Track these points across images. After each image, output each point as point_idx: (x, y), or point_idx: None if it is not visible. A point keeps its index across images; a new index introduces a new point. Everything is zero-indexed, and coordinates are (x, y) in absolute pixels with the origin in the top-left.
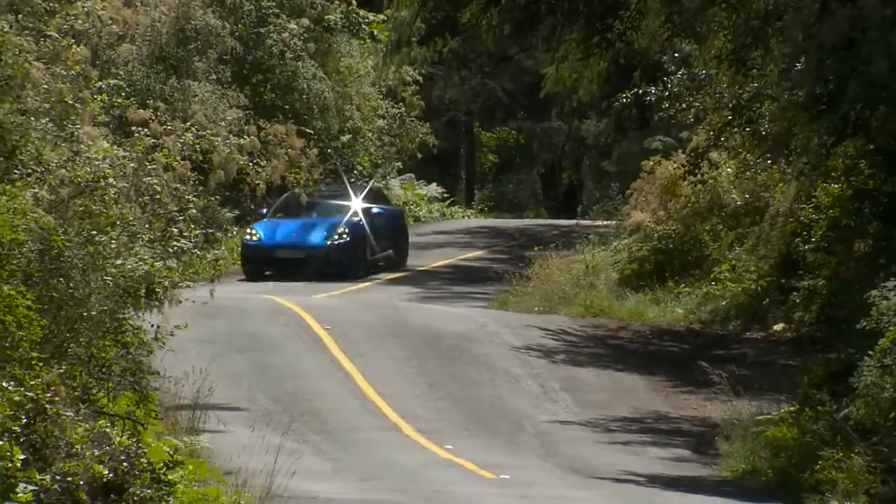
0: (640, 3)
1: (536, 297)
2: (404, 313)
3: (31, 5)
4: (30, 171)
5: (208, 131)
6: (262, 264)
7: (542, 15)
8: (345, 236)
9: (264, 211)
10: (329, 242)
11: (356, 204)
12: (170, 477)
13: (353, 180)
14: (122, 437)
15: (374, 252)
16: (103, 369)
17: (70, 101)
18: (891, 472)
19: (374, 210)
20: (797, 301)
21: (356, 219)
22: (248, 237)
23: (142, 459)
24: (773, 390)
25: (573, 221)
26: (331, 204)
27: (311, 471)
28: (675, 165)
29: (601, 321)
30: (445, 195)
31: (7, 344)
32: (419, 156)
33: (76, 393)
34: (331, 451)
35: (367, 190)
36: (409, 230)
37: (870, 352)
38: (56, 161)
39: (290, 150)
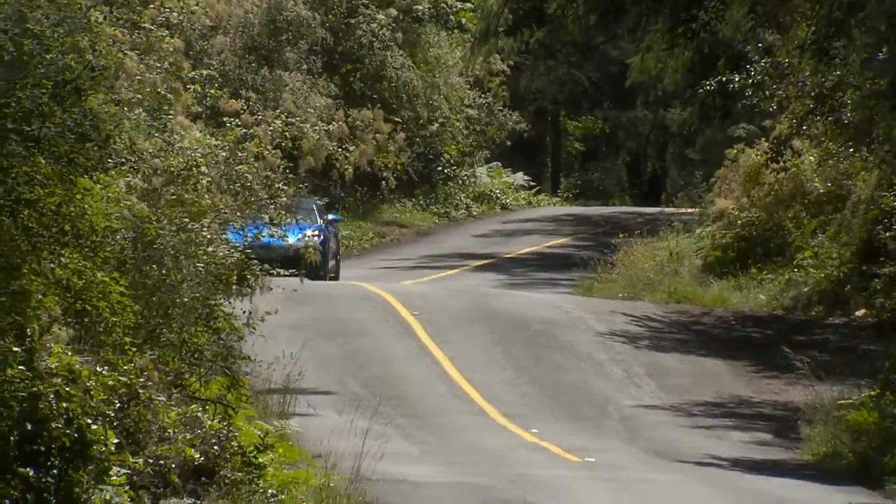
0: None
1: (621, 283)
2: (491, 299)
3: None
4: (124, 160)
5: (298, 118)
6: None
7: (627, 5)
8: (314, 240)
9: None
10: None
11: (313, 213)
12: (260, 460)
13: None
14: (213, 421)
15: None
16: (195, 354)
17: (163, 92)
18: None
19: (331, 217)
20: (879, 287)
21: (321, 225)
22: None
23: (233, 443)
24: (854, 375)
25: (657, 209)
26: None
27: (398, 454)
28: (758, 153)
29: (685, 307)
30: (532, 183)
31: (101, 329)
32: (508, 143)
33: (168, 378)
34: (418, 434)
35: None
36: (496, 218)
37: None
38: (149, 150)
39: (377, 134)
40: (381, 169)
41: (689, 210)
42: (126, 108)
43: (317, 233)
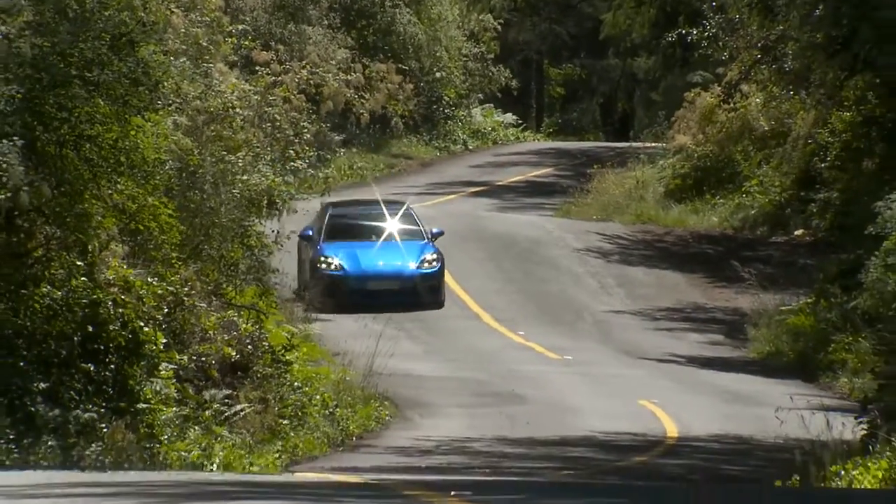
0: None
1: (595, 207)
2: (484, 221)
3: None
4: (171, 102)
5: (320, 69)
6: (344, 298)
7: None
8: (435, 264)
9: (309, 233)
10: (422, 271)
11: (417, 223)
12: (287, 357)
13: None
14: (247, 324)
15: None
16: (231, 267)
17: (205, 44)
18: (892, 353)
19: (434, 231)
20: (814, 210)
21: (432, 243)
22: (323, 266)
23: (264, 343)
24: (793, 285)
25: (626, 144)
26: (386, 226)
27: (406, 353)
28: (712, 96)
29: (649, 227)
30: (519, 122)
31: (151, 246)
32: (498, 95)
33: (209, 287)
34: (423, 336)
35: (402, 212)
36: (489, 152)
37: (876, 253)
38: (193, 93)
39: (389, 84)
40: (392, 113)
41: (653, 145)
42: (173, 58)
43: (435, 257)
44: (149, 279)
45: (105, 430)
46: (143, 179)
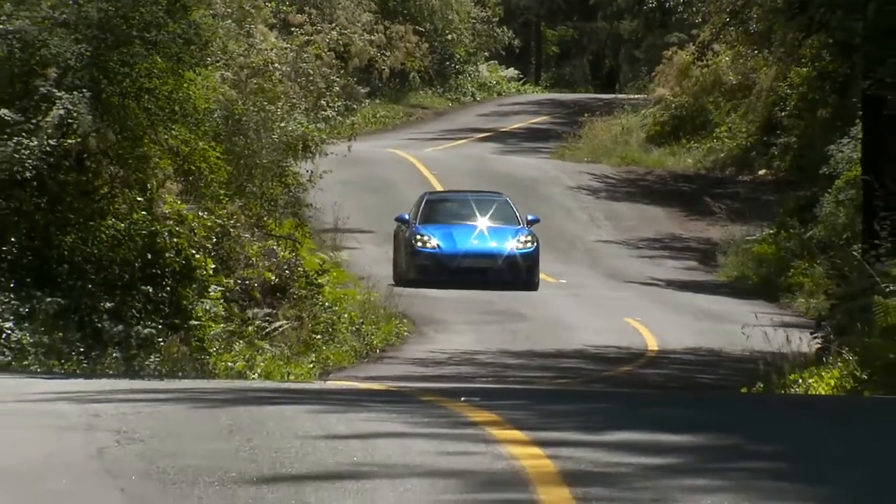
0: None
1: (585, 150)
2: (491, 162)
3: None
4: (218, 59)
5: (348, 30)
6: (439, 274)
7: None
8: (529, 245)
9: (406, 217)
10: (516, 251)
11: (513, 210)
12: (319, 281)
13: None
14: (284, 252)
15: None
16: (271, 203)
17: (247, 8)
18: (843, 277)
19: (530, 217)
20: (776, 153)
21: (529, 227)
22: (419, 243)
23: (299, 268)
24: (757, 218)
25: (613, 95)
26: (480, 210)
27: None
28: (688, 54)
29: (632, 168)
30: (520, 76)
31: (202, 184)
32: (502, 53)
33: (252, 220)
34: None
35: (497, 200)
36: (494, 102)
37: (828, 190)
38: (237, 51)
39: (407, 43)
40: (410, 69)
41: (636, 96)
42: (220, 20)
43: (529, 238)
44: (199, 213)
45: (162, 343)
46: (194, 126)
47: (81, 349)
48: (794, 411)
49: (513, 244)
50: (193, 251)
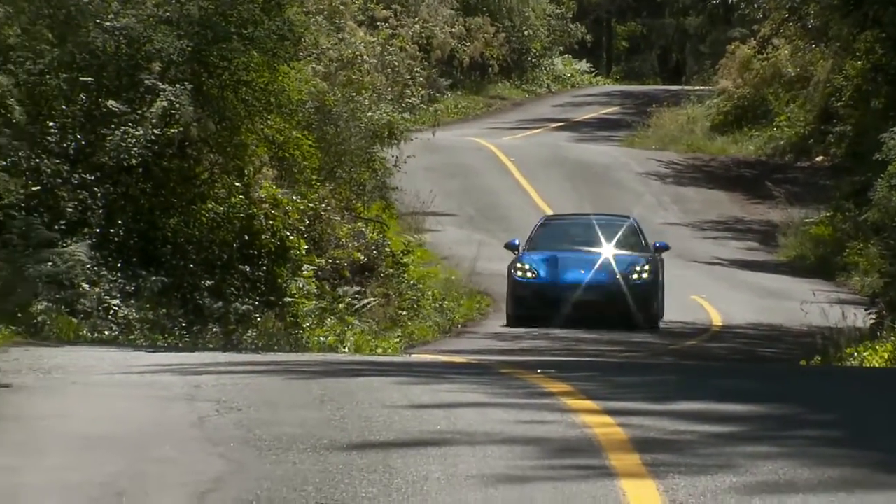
0: None
1: (654, 138)
2: (564, 150)
3: None
4: (310, 52)
5: (430, 23)
6: (539, 308)
7: None
8: (645, 276)
9: (516, 242)
10: (625, 283)
11: (638, 236)
12: (405, 261)
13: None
14: (372, 233)
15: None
16: (360, 187)
17: (337, 4)
18: (895, 257)
19: (658, 244)
20: (832, 141)
21: (650, 255)
22: (518, 273)
23: (386, 249)
24: (815, 202)
25: (679, 87)
26: (600, 236)
27: (502, 257)
28: (749, 48)
29: (698, 155)
30: (592, 69)
31: (295, 170)
32: (575, 47)
33: (342, 203)
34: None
35: (623, 224)
36: (568, 94)
37: (881, 175)
38: (327, 46)
39: (485, 35)
40: (489, 59)
41: (701, 87)
42: (312, 16)
43: (646, 268)
44: (293, 197)
45: (258, 319)
46: (288, 116)
47: (184, 324)
48: (850, 383)
49: (623, 274)
50: (287, 233)
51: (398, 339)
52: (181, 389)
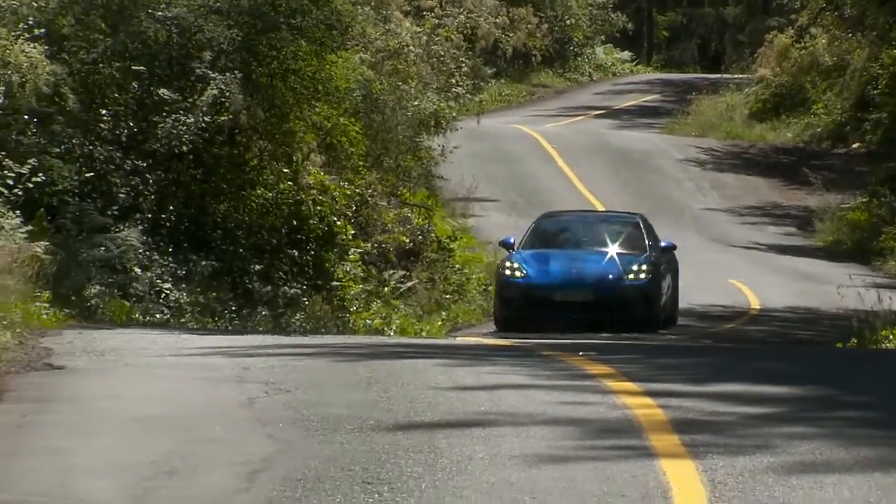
0: None
1: (693, 125)
2: (606, 137)
3: None
4: (357, 42)
5: (474, 14)
6: (528, 310)
7: None
8: (643, 276)
9: (511, 240)
10: (622, 283)
11: (641, 235)
12: (450, 245)
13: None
14: (418, 219)
15: (661, 306)
16: (406, 174)
17: None
18: None
19: (663, 244)
20: (868, 128)
21: (651, 255)
22: (507, 272)
23: (431, 234)
24: (851, 188)
25: (718, 75)
26: (601, 234)
27: None
28: (787, 37)
29: (736, 142)
30: (633, 58)
31: (343, 157)
32: (617, 35)
33: (388, 190)
34: None
35: (628, 222)
36: (609, 82)
37: None
38: (374, 35)
39: (528, 25)
40: (532, 49)
41: (740, 76)
42: (359, 7)
43: (645, 268)
44: (340, 183)
45: (306, 302)
46: (335, 104)
47: (233, 308)
48: (886, 365)
49: (617, 275)
50: (335, 218)
51: (442, 322)
52: (231, 371)
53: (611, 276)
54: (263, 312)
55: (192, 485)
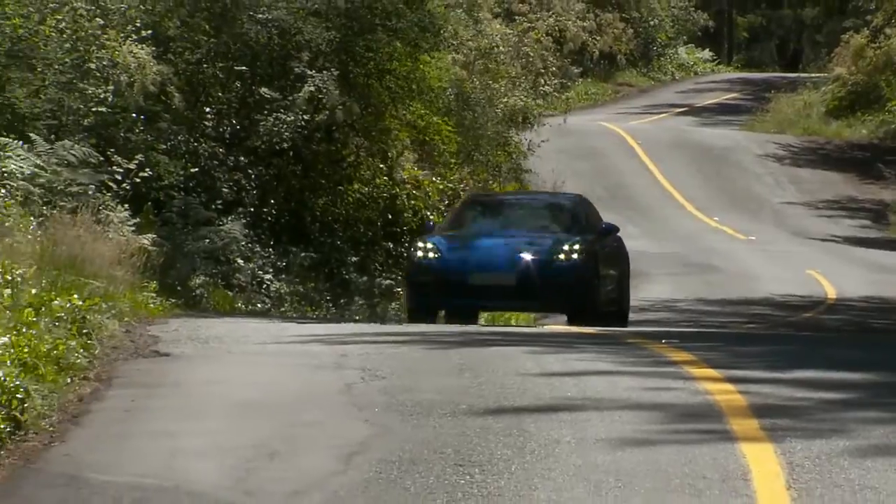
0: None
1: (772, 122)
2: (688, 133)
3: None
4: (450, 43)
5: (563, 17)
6: (442, 294)
7: None
8: (574, 257)
9: (431, 224)
10: (546, 264)
11: (577, 216)
12: None
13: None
14: None
15: (601, 293)
16: (496, 169)
17: None
18: None
19: (604, 226)
20: None
21: (588, 237)
22: (418, 254)
23: None
24: None
25: (796, 74)
26: (533, 216)
27: (626, 234)
28: (863, 37)
29: (814, 138)
30: (714, 57)
31: (436, 153)
32: (699, 35)
33: (479, 184)
34: (639, 221)
35: (565, 204)
36: (690, 81)
37: None
38: (466, 37)
39: (615, 30)
40: (618, 51)
41: (817, 75)
42: (452, 9)
43: (577, 248)
44: (433, 178)
45: (401, 293)
46: (429, 103)
47: (330, 297)
48: None
49: (548, 256)
50: (428, 212)
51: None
52: (329, 358)
53: (537, 258)
54: (359, 302)
55: (291, 466)
